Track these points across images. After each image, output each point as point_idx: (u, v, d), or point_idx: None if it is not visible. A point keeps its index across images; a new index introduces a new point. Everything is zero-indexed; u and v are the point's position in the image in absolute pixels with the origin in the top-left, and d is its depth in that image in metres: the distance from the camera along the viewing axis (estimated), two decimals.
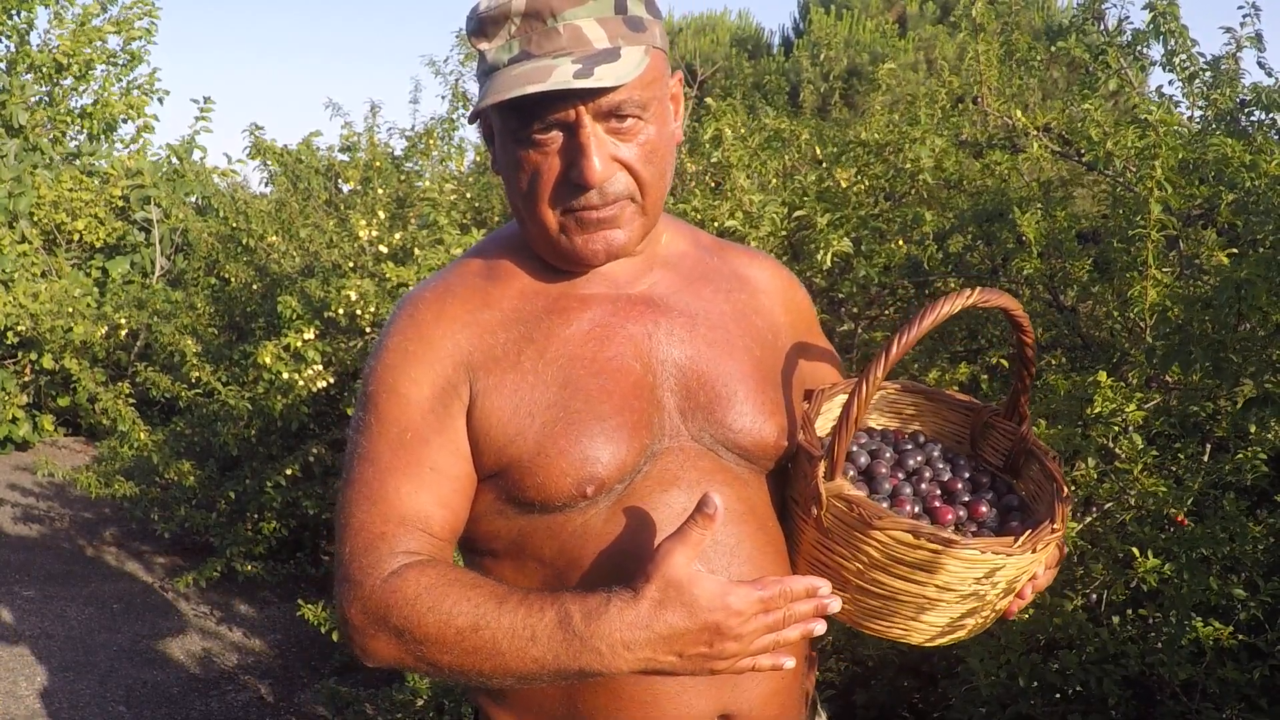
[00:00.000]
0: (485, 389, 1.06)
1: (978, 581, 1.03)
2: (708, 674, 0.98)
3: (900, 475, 1.18)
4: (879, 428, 1.29)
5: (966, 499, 1.17)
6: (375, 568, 1.01)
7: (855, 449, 1.19)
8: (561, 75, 0.98)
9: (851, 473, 1.17)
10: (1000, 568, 1.03)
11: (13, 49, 7.13)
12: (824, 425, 1.22)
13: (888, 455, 1.20)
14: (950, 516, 1.13)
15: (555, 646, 0.95)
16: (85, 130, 7.28)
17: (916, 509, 1.14)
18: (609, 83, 0.98)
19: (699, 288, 1.17)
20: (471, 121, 1.10)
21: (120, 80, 7.39)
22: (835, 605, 0.99)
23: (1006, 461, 1.23)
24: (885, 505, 1.12)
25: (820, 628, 1.00)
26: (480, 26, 1.03)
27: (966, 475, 1.20)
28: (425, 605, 0.98)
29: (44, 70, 7.03)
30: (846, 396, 1.05)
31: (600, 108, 1.01)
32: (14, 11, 6.99)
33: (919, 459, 1.20)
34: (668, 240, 1.19)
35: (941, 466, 1.20)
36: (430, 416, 1.06)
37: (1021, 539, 1.03)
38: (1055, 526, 1.06)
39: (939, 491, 1.18)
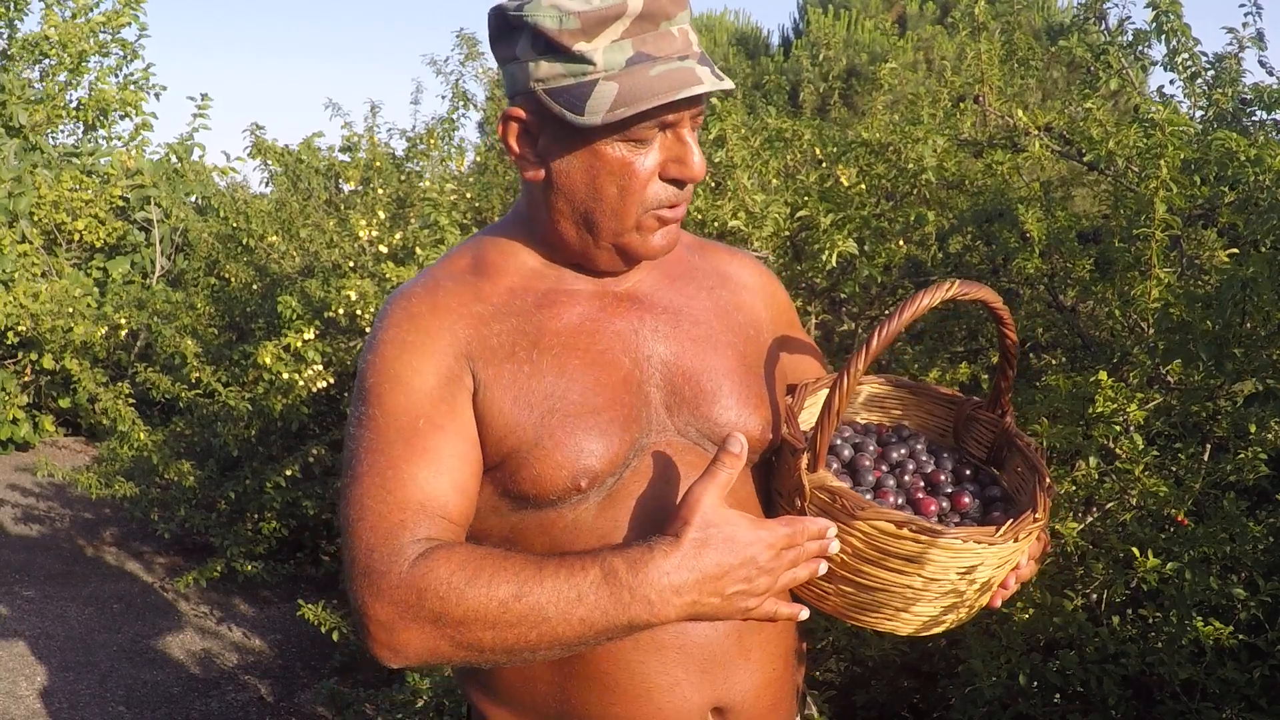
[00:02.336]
0: (485, 380, 1.06)
1: (961, 571, 1.04)
2: (741, 616, 1.00)
3: (884, 468, 1.20)
4: (863, 422, 1.31)
5: (950, 490, 1.18)
6: (398, 555, 0.97)
7: (839, 442, 1.21)
8: (707, 78, 1.01)
9: (835, 465, 1.18)
10: (983, 557, 1.04)
11: (6, 42, 7.13)
12: (808, 419, 1.24)
13: (871, 448, 1.21)
14: (934, 507, 1.14)
15: (602, 603, 0.94)
16: (81, 121, 7.28)
17: (900, 500, 1.15)
18: (730, 84, 1.03)
19: (682, 285, 1.18)
20: (621, 123, 1.03)
21: (116, 74, 7.39)
22: (835, 546, 1.02)
23: (990, 454, 1.25)
24: (869, 497, 1.13)
25: (823, 568, 1.03)
26: (583, 26, 1.00)
27: (950, 467, 1.22)
28: (463, 580, 0.95)
29: (36, 56, 7.02)
30: (829, 390, 1.06)
31: (697, 111, 1.06)
32: (8, 4, 7.00)
33: (903, 452, 1.22)
34: None
35: (925, 459, 1.22)
36: (440, 404, 1.04)
37: (1004, 528, 1.03)
38: (1037, 516, 1.07)
39: (922, 483, 1.19)
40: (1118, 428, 1.84)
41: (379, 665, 3.28)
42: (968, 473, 1.22)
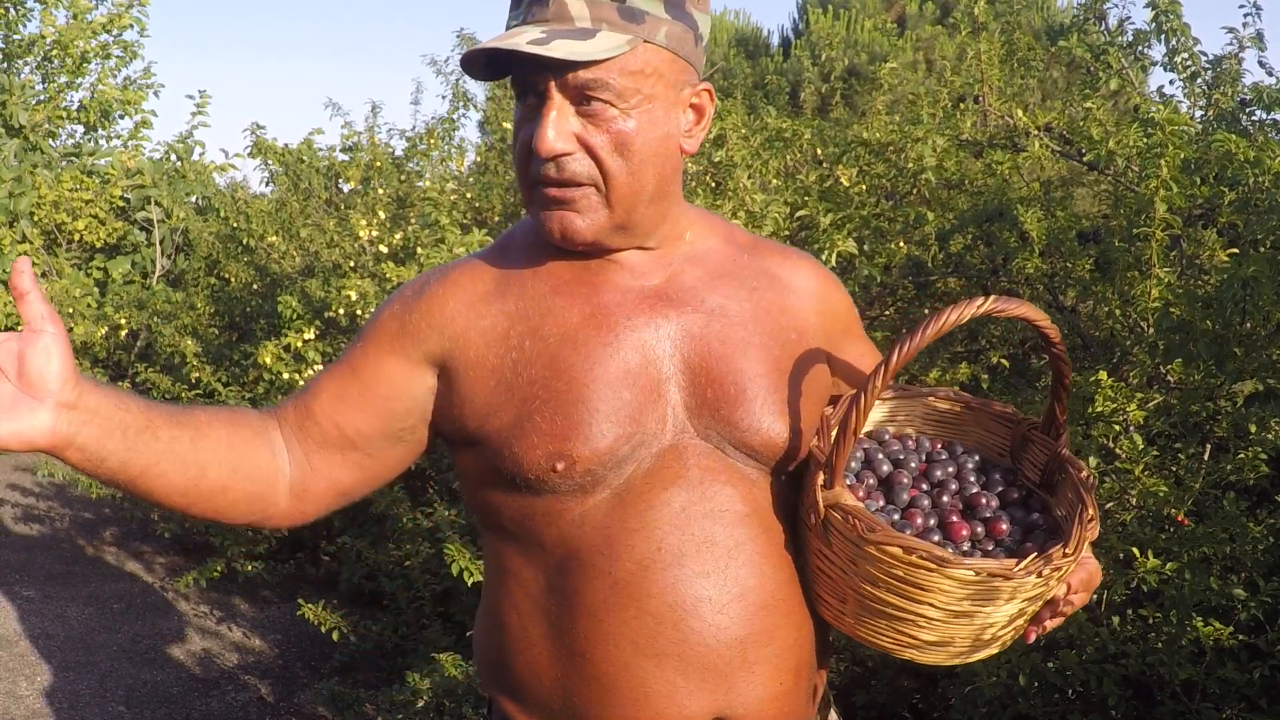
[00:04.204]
0: (469, 361, 1.09)
1: (975, 603, 0.99)
2: None
3: (924, 486, 1.14)
4: (914, 434, 1.23)
5: (988, 515, 1.11)
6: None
7: (880, 456, 1.15)
8: (518, 40, 0.99)
9: (871, 481, 1.13)
10: (1003, 590, 0.99)
11: (5, 44, 7.14)
12: None
13: (914, 465, 1.15)
14: (965, 532, 1.08)
15: None
16: (82, 122, 7.29)
17: (931, 522, 1.09)
18: (559, 55, 0.98)
19: (722, 284, 1.15)
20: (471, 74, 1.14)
21: (116, 75, 7.39)
22: None
23: (1043, 477, 1.17)
24: (897, 517, 1.09)
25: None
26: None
27: (998, 490, 1.14)
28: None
29: (38, 59, 7.03)
30: (847, 407, 1.03)
31: (567, 83, 1.01)
32: (9, 6, 6.99)
33: (949, 470, 1.15)
34: (693, 236, 1.17)
35: (971, 480, 1.15)
36: (383, 338, 1.13)
37: (1024, 562, 0.98)
38: (1067, 551, 0.99)
39: (961, 505, 1.12)
40: (1117, 427, 1.84)
41: (379, 665, 3.29)
42: (1016, 496, 1.15)
